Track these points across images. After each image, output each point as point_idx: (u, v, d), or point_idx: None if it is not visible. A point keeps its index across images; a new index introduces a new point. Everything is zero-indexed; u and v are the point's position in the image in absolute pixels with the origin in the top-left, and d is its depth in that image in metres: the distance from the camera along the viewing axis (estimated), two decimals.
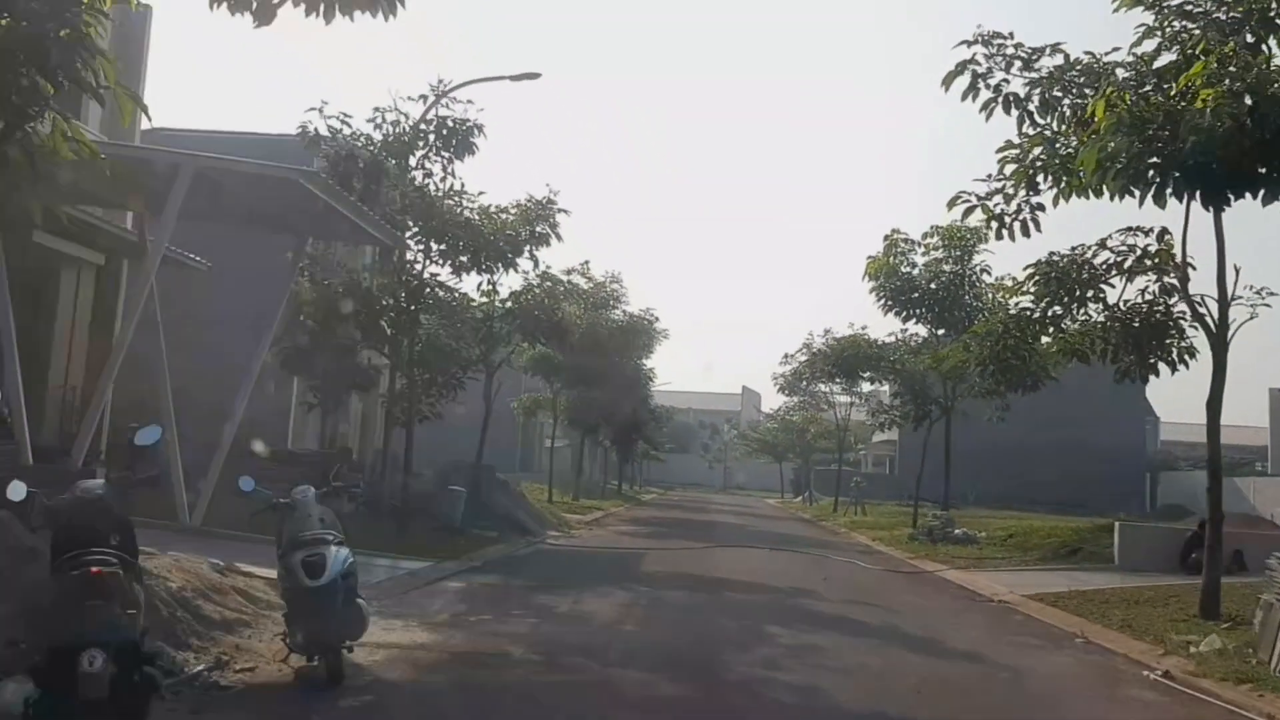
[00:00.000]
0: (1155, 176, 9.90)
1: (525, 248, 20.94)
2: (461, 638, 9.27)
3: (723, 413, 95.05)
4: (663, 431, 59.83)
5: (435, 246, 19.58)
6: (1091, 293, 13.41)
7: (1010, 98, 12.69)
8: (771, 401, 70.60)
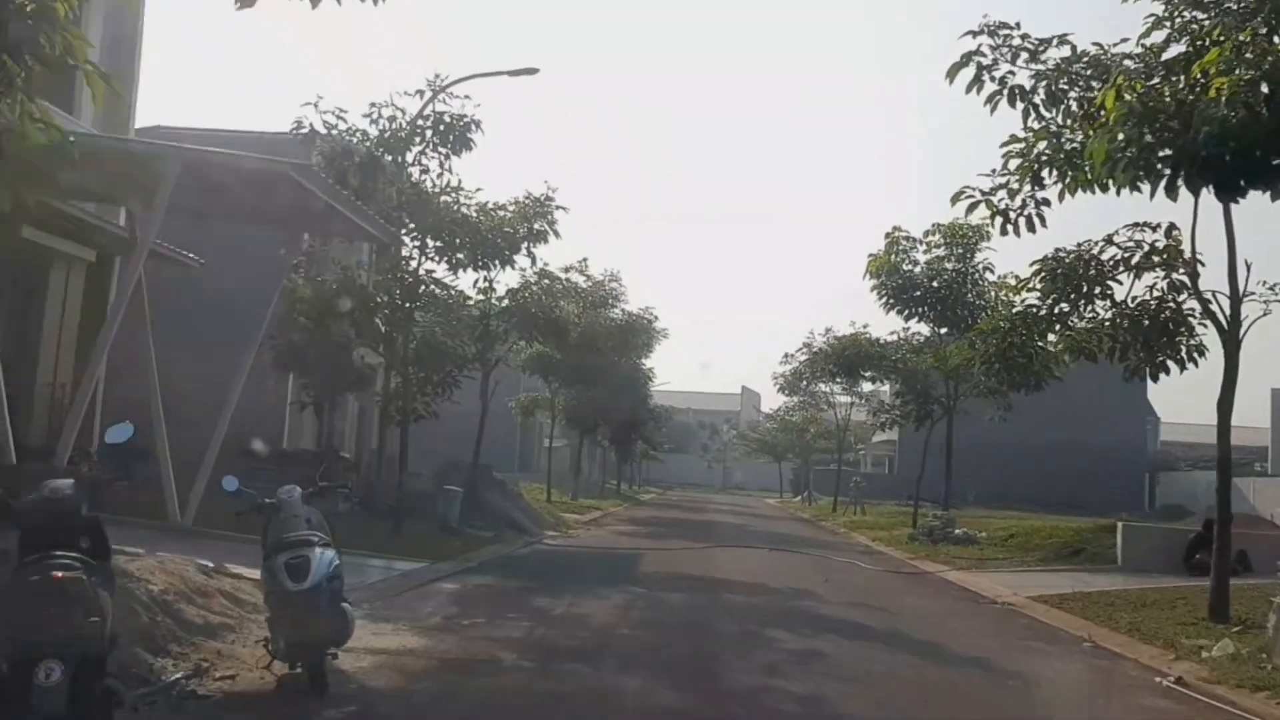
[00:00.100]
0: (1166, 168, 9.62)
1: (523, 245, 20.76)
2: (452, 642, 9.01)
3: (722, 413, 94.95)
4: (662, 431, 59.68)
5: (431, 243, 19.36)
6: (1099, 289, 13.16)
7: (1016, 90, 12.45)
8: (771, 401, 70.53)
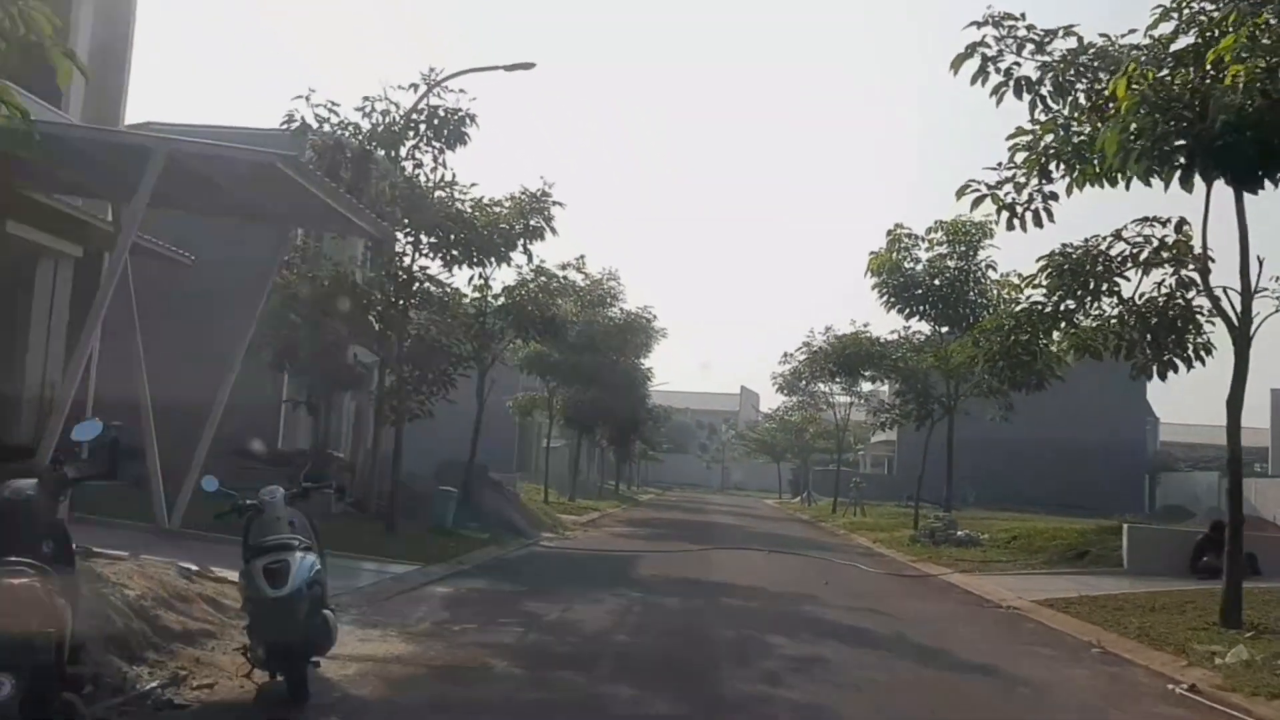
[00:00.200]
0: (1181, 158, 9.33)
1: (519, 241, 20.46)
2: (441, 649, 8.70)
3: (721, 413, 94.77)
4: (660, 431, 59.52)
5: (425, 239, 19.06)
6: (1106, 286, 12.85)
7: (1022, 82, 12.21)
8: (770, 401, 70.35)
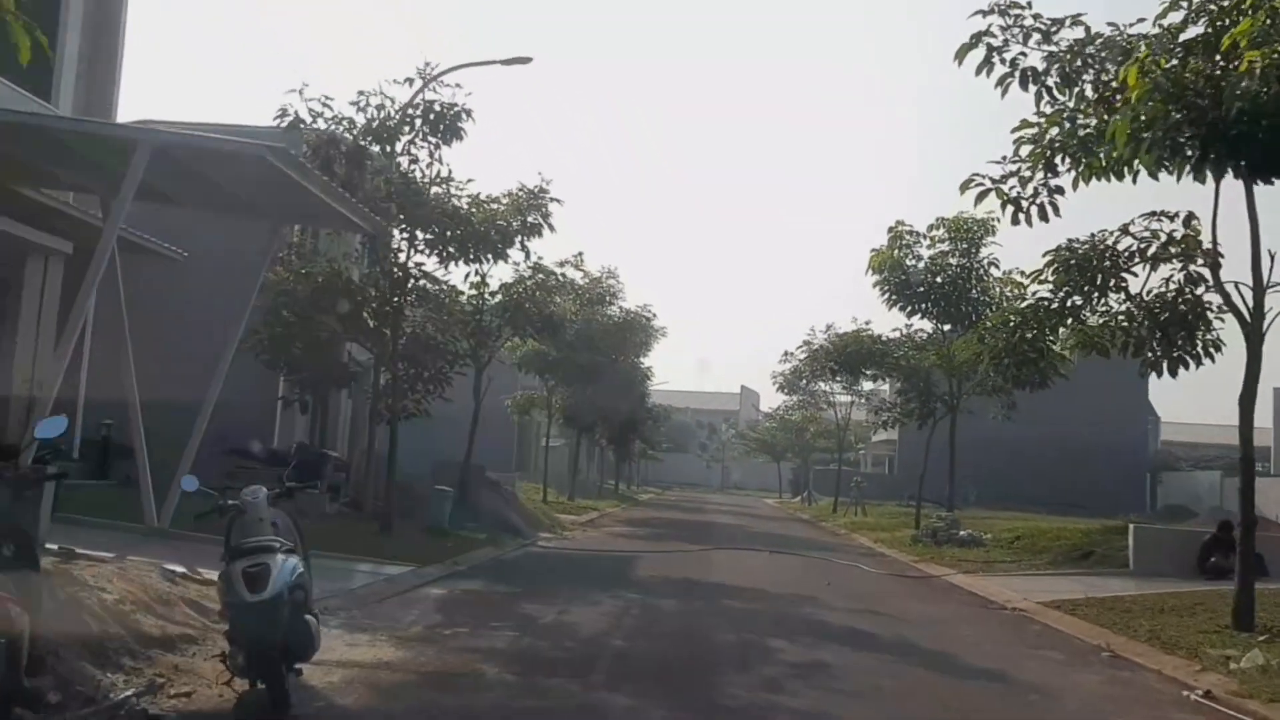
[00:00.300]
0: (1193, 149, 9.05)
1: (516, 238, 20.18)
2: (432, 654, 8.43)
3: (721, 412, 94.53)
4: (660, 431, 59.25)
5: (421, 235, 18.78)
6: (1113, 281, 12.58)
7: (1028, 73, 11.92)
8: (770, 401, 70.10)
